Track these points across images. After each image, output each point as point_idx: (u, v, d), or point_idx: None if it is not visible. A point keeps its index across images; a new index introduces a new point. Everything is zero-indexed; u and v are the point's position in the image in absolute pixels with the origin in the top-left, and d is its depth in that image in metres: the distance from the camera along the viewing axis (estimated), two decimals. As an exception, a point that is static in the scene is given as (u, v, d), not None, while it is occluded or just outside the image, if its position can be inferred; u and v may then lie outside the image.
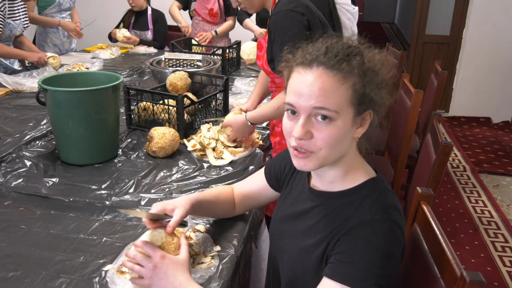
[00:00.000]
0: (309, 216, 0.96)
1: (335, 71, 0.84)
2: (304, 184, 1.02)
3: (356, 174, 0.93)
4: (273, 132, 1.79)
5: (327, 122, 0.84)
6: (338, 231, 0.88)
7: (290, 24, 1.47)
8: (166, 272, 0.91)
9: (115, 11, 3.82)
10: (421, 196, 1.17)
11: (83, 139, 1.53)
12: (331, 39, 0.90)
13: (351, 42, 0.90)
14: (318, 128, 0.85)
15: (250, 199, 1.21)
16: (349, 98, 0.84)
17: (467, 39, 4.48)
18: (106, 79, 1.62)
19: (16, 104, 2.18)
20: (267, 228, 1.51)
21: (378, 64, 0.87)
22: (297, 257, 0.96)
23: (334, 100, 0.83)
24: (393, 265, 0.84)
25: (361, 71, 0.85)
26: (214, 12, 3.60)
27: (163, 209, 1.01)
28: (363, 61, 0.85)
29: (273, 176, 1.14)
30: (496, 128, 4.47)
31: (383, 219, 0.86)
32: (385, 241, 0.84)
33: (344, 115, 0.85)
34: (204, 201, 1.11)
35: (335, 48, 0.86)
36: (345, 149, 0.89)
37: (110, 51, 3.32)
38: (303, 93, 0.85)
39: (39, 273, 1.02)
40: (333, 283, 0.83)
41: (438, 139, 1.66)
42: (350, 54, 0.86)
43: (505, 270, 2.43)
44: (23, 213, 1.27)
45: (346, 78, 0.84)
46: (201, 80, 2.17)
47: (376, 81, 0.87)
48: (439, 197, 3.15)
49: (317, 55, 0.86)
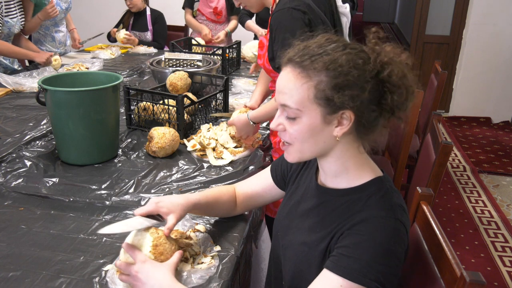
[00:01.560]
0: (315, 213, 0.97)
1: (299, 69, 0.86)
2: (311, 180, 1.03)
3: (362, 172, 0.93)
4: (273, 132, 1.79)
5: (293, 118, 0.88)
6: (342, 226, 0.89)
7: (291, 22, 1.47)
8: (147, 275, 0.92)
9: (114, 11, 3.82)
10: (421, 196, 1.17)
11: (83, 139, 1.53)
12: (321, 38, 0.90)
13: (329, 42, 0.88)
14: (287, 122, 0.90)
15: (254, 198, 1.21)
16: (312, 97, 0.85)
17: (467, 39, 4.48)
18: (106, 79, 1.62)
19: (16, 104, 2.18)
20: (267, 228, 1.51)
21: (346, 65, 0.84)
22: (300, 253, 0.96)
23: (295, 98, 0.87)
24: (395, 263, 0.84)
25: (325, 70, 0.84)
26: (219, 10, 3.59)
27: (157, 211, 1.02)
28: (327, 61, 0.84)
29: (279, 174, 1.15)
30: (496, 128, 4.47)
31: (388, 216, 0.86)
32: (389, 238, 0.84)
33: (309, 113, 0.87)
34: (202, 204, 1.11)
35: (311, 47, 0.88)
36: (323, 144, 0.90)
37: (110, 51, 3.31)
38: (277, 88, 0.91)
39: (39, 273, 1.02)
40: (333, 275, 0.84)
41: (438, 139, 1.66)
42: (319, 53, 0.86)
43: (505, 270, 2.43)
44: (23, 213, 1.27)
45: (310, 77, 0.85)
46: (201, 80, 2.16)
47: (344, 83, 0.84)
48: (439, 197, 3.15)
49: (295, 53, 0.88)
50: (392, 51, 0.88)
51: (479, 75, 4.52)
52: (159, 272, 0.93)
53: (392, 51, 0.88)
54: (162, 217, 1.02)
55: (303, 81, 0.86)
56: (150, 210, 1.01)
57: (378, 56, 0.87)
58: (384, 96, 0.87)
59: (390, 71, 0.85)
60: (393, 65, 0.86)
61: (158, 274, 0.92)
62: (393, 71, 0.85)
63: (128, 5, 3.57)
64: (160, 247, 0.97)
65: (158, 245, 0.97)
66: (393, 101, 0.86)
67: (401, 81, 0.86)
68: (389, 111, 0.88)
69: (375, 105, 0.87)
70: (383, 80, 0.86)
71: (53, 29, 3.28)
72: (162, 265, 0.94)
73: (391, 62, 0.86)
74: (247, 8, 1.71)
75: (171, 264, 0.95)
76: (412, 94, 0.88)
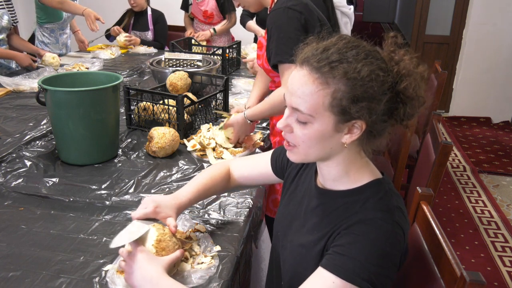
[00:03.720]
0: (313, 214, 0.97)
1: (318, 74, 0.83)
2: (310, 181, 1.03)
3: (360, 174, 0.93)
4: (273, 132, 1.79)
5: (303, 122, 0.86)
6: (339, 226, 0.89)
7: (287, 22, 1.48)
8: (141, 266, 0.92)
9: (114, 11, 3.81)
10: (421, 196, 1.17)
11: (83, 139, 1.53)
12: (339, 39, 0.87)
13: (349, 48, 0.85)
14: (296, 125, 0.88)
15: (248, 180, 1.23)
16: (327, 105, 0.83)
17: (467, 39, 4.48)
18: (106, 79, 1.62)
19: (16, 104, 2.18)
20: (267, 228, 1.51)
21: (367, 77, 0.81)
22: (298, 254, 0.97)
23: (309, 103, 0.84)
24: (389, 265, 0.84)
25: (344, 79, 0.81)
26: (209, 13, 3.61)
27: (155, 216, 1.03)
28: (348, 70, 0.81)
29: (279, 164, 1.16)
30: (496, 128, 4.47)
31: (385, 218, 0.85)
32: (385, 240, 0.83)
33: (321, 120, 0.84)
34: (194, 201, 1.13)
35: (331, 50, 0.84)
36: (329, 150, 0.89)
37: (110, 51, 3.31)
38: (289, 89, 0.88)
39: (39, 273, 1.02)
40: (327, 273, 0.84)
41: (438, 139, 1.66)
42: (339, 60, 0.82)
43: (505, 270, 2.43)
44: (23, 213, 1.27)
45: (327, 84, 0.82)
46: (201, 80, 2.16)
47: (363, 95, 0.81)
48: (439, 197, 3.15)
49: (312, 54, 0.85)
50: (410, 62, 0.87)
51: (479, 75, 4.52)
52: (151, 264, 0.92)
53: (410, 63, 0.87)
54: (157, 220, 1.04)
55: (319, 87, 0.83)
56: (148, 214, 1.02)
57: (397, 68, 0.85)
58: (397, 107, 0.86)
59: (407, 84, 0.84)
60: (410, 78, 0.85)
61: (149, 266, 0.92)
62: (410, 84, 0.85)
63: (132, 4, 3.56)
64: (163, 243, 0.98)
65: (162, 241, 0.98)
66: (405, 112, 0.86)
67: (415, 93, 0.85)
68: (398, 120, 0.88)
69: (386, 116, 0.86)
70: (398, 91, 0.85)
71: (59, 32, 3.30)
72: (157, 259, 0.95)
73: (409, 74, 0.85)
74: (245, 7, 1.71)
75: (167, 260, 0.95)
76: (423, 105, 0.88)
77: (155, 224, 1.01)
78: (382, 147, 0.93)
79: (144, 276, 0.91)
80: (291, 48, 1.50)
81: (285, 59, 1.48)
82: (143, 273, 0.91)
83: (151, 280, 0.90)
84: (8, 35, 2.87)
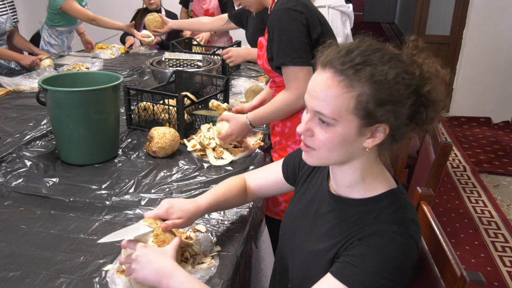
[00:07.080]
0: (325, 220, 0.95)
1: (342, 76, 0.81)
2: (322, 184, 1.01)
3: (376, 183, 0.91)
4: (273, 132, 1.78)
5: (326, 125, 0.84)
6: (352, 236, 0.87)
7: (288, 22, 1.48)
8: (149, 260, 0.91)
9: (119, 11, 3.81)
10: (421, 196, 1.17)
11: (83, 139, 1.53)
12: (361, 42, 0.86)
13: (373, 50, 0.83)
14: (318, 129, 0.85)
15: (264, 190, 1.22)
16: (351, 108, 0.81)
17: (467, 39, 4.48)
18: (106, 79, 1.62)
19: (16, 104, 2.18)
20: (267, 228, 1.51)
21: (392, 80, 0.80)
22: (308, 260, 0.96)
23: (333, 106, 0.81)
24: (400, 279, 0.83)
25: (370, 83, 0.80)
26: (210, 12, 3.59)
27: (167, 217, 1.02)
28: (374, 73, 0.80)
29: (290, 171, 1.14)
30: (496, 128, 4.47)
31: (401, 232, 0.84)
32: (398, 254, 0.82)
33: (345, 123, 0.82)
34: (212, 208, 1.12)
35: (354, 53, 0.82)
36: (350, 154, 0.87)
37: (110, 51, 3.31)
38: (310, 92, 0.85)
39: (39, 273, 1.02)
40: (335, 281, 0.83)
41: (438, 139, 1.66)
42: (363, 62, 0.81)
43: (505, 270, 2.43)
44: (23, 213, 1.27)
45: (352, 87, 0.80)
46: (202, 80, 2.16)
47: (389, 98, 0.80)
48: (439, 197, 3.15)
49: (335, 57, 0.83)
50: (433, 65, 0.86)
51: (479, 75, 4.52)
52: (161, 257, 0.92)
53: (434, 66, 0.86)
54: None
55: (344, 90, 0.81)
56: (160, 214, 1.02)
57: (420, 71, 0.84)
58: (419, 110, 0.85)
59: (431, 88, 0.84)
60: (433, 81, 0.84)
61: (159, 259, 0.92)
62: (434, 88, 0.84)
63: (150, 2, 3.53)
64: (161, 236, 0.98)
65: (159, 234, 0.98)
66: (427, 116, 0.85)
67: (437, 97, 0.85)
68: (419, 124, 0.87)
69: (409, 119, 0.85)
70: (421, 95, 0.84)
71: (66, 34, 3.31)
72: (164, 251, 0.94)
73: (432, 77, 0.85)
74: (246, 8, 1.71)
75: (171, 249, 0.95)
76: (443, 109, 0.87)
77: (145, 219, 1.01)
78: (400, 154, 0.92)
79: (156, 269, 0.90)
80: (293, 50, 1.50)
81: (287, 61, 1.48)
82: (155, 266, 0.91)
83: (164, 272, 0.90)
84: (9, 34, 2.87)
